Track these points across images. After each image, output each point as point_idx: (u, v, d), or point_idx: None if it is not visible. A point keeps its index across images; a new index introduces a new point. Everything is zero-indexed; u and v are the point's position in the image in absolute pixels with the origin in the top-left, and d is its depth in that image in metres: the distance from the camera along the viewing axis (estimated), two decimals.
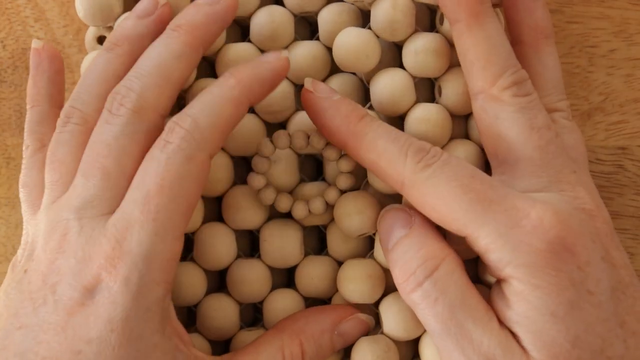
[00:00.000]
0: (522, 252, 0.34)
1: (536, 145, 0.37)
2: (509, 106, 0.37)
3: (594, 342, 0.34)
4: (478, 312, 0.35)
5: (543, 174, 0.37)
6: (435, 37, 0.41)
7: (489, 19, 0.38)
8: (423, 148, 0.37)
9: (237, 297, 0.41)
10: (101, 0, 0.41)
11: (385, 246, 0.38)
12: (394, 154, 0.37)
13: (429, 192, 0.36)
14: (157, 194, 0.34)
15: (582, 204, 0.36)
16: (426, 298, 0.35)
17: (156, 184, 0.34)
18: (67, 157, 0.37)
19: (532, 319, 0.34)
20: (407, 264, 0.36)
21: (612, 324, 0.34)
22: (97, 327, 0.33)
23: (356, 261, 0.41)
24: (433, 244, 0.37)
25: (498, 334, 0.34)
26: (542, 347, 0.34)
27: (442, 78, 0.42)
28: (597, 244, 0.35)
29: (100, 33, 0.42)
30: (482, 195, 0.35)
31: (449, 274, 0.36)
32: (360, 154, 0.38)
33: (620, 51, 0.47)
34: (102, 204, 0.35)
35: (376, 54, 0.41)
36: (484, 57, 0.38)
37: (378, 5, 0.41)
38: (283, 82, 0.42)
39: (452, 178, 0.35)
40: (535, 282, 0.34)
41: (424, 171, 0.36)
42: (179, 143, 0.35)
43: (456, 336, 0.35)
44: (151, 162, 0.35)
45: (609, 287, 0.35)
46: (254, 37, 0.42)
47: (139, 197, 0.34)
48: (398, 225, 0.38)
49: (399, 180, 0.37)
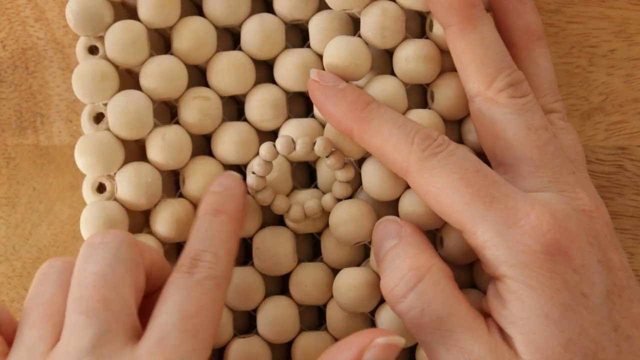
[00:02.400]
0: (517, 251, 0.34)
1: (534, 145, 0.37)
2: (505, 107, 0.37)
3: (586, 346, 0.34)
4: (466, 321, 0.35)
5: (543, 174, 0.37)
6: (425, 43, 0.41)
7: (482, 21, 0.38)
8: (430, 136, 0.37)
9: (230, 305, 0.42)
10: (92, 10, 0.40)
11: (377, 257, 0.39)
12: (400, 139, 0.37)
13: (433, 181, 0.36)
14: (196, 315, 0.34)
15: (581, 205, 0.36)
16: (412, 309, 0.36)
17: (195, 306, 0.35)
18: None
19: (525, 320, 0.34)
20: (393, 273, 0.37)
21: (606, 327, 0.34)
22: None
23: (352, 270, 0.41)
24: (418, 254, 0.37)
25: (487, 341, 0.35)
26: (535, 350, 0.34)
27: (434, 84, 0.41)
28: (594, 247, 0.35)
29: (91, 43, 0.42)
30: (484, 191, 0.35)
31: (434, 284, 0.36)
32: (366, 139, 0.38)
33: (620, 51, 0.47)
34: (111, 338, 0.33)
35: (366, 63, 0.40)
36: (479, 59, 0.38)
37: (368, 12, 0.40)
38: (274, 90, 0.42)
39: (456, 170, 0.36)
40: (529, 283, 0.34)
41: (429, 160, 0.36)
42: (208, 273, 0.36)
43: (445, 345, 0.35)
44: (183, 289, 0.35)
45: (604, 290, 0.35)
46: (244, 45, 0.42)
47: (176, 319, 0.34)
48: (388, 235, 0.38)
49: (404, 166, 0.37)
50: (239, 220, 0.40)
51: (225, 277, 0.37)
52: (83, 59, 0.42)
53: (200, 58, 0.41)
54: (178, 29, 0.42)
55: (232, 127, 0.42)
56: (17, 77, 0.47)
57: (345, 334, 0.41)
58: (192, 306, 0.34)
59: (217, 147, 0.42)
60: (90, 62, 0.41)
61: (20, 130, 0.47)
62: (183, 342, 0.33)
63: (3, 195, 0.47)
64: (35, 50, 0.47)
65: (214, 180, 0.40)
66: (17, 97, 0.47)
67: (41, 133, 0.47)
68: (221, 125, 0.42)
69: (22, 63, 0.47)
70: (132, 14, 0.42)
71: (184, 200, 0.41)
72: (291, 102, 0.43)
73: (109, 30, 0.41)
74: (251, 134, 0.42)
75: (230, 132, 0.42)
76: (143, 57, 0.41)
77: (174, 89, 0.41)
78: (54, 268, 0.36)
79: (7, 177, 0.47)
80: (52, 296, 0.35)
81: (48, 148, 0.47)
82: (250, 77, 0.42)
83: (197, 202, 0.41)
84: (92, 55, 0.42)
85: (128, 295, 0.34)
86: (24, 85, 0.47)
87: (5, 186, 0.47)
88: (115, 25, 0.41)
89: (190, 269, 0.36)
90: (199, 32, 0.41)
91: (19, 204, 0.47)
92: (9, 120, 0.47)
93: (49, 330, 0.34)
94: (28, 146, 0.47)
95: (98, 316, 0.33)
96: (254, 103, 0.42)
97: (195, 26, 0.41)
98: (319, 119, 0.42)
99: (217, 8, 0.41)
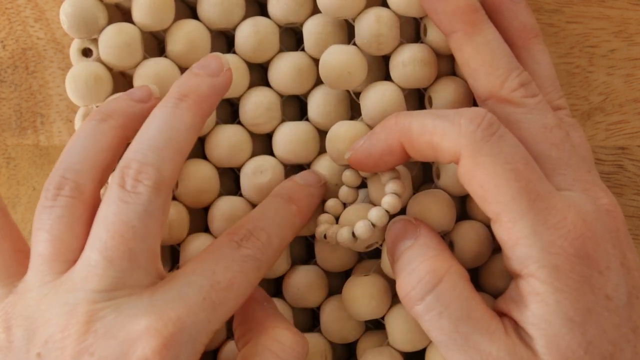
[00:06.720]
0: (551, 253, 0.34)
1: (552, 143, 0.37)
2: (520, 107, 0.37)
3: (605, 348, 0.34)
4: (484, 323, 0.35)
5: (565, 172, 0.37)
6: (421, 47, 0.41)
7: (486, 25, 0.38)
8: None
9: None
10: (86, 12, 0.41)
11: (391, 257, 0.38)
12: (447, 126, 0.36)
13: (483, 169, 0.35)
14: (225, 289, 0.35)
15: (605, 205, 0.36)
16: (430, 311, 0.35)
17: (227, 280, 0.35)
18: (65, 234, 0.36)
19: (549, 323, 0.34)
20: (410, 276, 0.36)
21: (625, 329, 0.34)
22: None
23: (361, 280, 0.41)
24: (436, 256, 0.36)
25: (505, 342, 0.34)
26: (556, 352, 0.34)
27: (432, 88, 0.41)
28: (617, 249, 0.35)
29: (85, 45, 0.42)
30: (532, 187, 0.35)
31: (452, 286, 0.35)
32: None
33: (620, 51, 0.46)
34: (130, 284, 0.34)
35: (361, 71, 0.40)
36: (488, 62, 0.38)
37: (362, 20, 0.40)
38: (268, 93, 0.42)
39: (508, 160, 0.35)
40: (558, 286, 0.34)
41: (484, 142, 0.35)
42: (254, 253, 0.36)
43: (463, 347, 0.35)
44: (225, 258, 0.36)
45: (626, 292, 0.35)
46: (239, 48, 0.42)
47: (205, 284, 0.35)
48: (404, 236, 0.38)
49: (457, 148, 0.36)
50: (305, 218, 0.40)
51: (267, 263, 0.37)
52: (77, 61, 0.42)
53: (194, 61, 0.41)
54: (172, 31, 0.42)
55: (226, 130, 0.42)
56: (17, 77, 0.48)
57: (339, 336, 0.41)
58: (225, 279, 0.35)
59: (211, 150, 0.42)
60: (84, 65, 0.41)
61: (20, 130, 0.47)
62: (202, 310, 0.34)
63: (3, 195, 0.47)
64: (35, 50, 0.47)
65: (297, 176, 0.41)
66: (17, 97, 0.48)
67: (41, 133, 0.47)
68: (215, 128, 0.42)
69: (22, 63, 0.48)
70: (126, 16, 0.42)
71: (177, 203, 0.41)
72: (285, 105, 0.43)
73: (103, 32, 0.41)
74: (245, 137, 0.42)
75: (224, 135, 0.42)
76: (137, 60, 0.41)
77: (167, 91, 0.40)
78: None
79: (7, 177, 0.47)
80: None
81: (48, 148, 0.47)
82: (244, 80, 0.42)
83: (190, 205, 0.42)
84: (86, 57, 0.42)
85: (154, 245, 0.35)
86: (24, 85, 0.48)
87: (5, 186, 0.47)
88: (110, 28, 0.41)
89: (241, 241, 0.36)
90: (193, 35, 0.41)
91: (19, 204, 0.47)
92: (9, 120, 0.48)
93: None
94: (28, 146, 0.47)
95: (121, 265, 0.34)
96: (248, 106, 0.42)
97: (189, 29, 0.41)
98: (313, 123, 0.42)
99: (211, 11, 0.41)
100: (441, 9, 0.38)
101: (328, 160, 0.42)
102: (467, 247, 0.40)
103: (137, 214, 0.34)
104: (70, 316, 0.33)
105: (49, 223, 0.36)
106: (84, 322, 0.33)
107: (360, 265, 0.42)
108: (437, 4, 0.38)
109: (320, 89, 0.42)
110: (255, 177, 0.41)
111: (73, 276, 0.34)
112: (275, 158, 0.42)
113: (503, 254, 0.36)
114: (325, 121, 0.42)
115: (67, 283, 0.34)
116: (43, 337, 0.34)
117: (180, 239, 0.41)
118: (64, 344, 0.33)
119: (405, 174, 0.41)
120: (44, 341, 0.34)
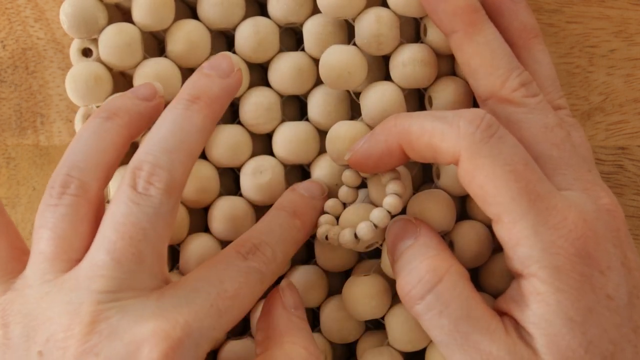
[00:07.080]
0: (552, 253, 0.34)
1: (553, 143, 0.37)
2: (521, 107, 0.37)
3: (606, 348, 0.34)
4: (484, 322, 0.35)
5: (566, 172, 0.37)
6: (421, 47, 0.41)
7: (486, 25, 0.38)
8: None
9: None
10: (86, 12, 0.41)
11: (391, 257, 0.38)
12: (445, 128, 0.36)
13: (483, 171, 0.35)
14: (231, 298, 0.35)
15: (606, 205, 0.36)
16: (430, 311, 0.35)
17: (234, 289, 0.35)
18: (68, 232, 0.35)
19: (549, 322, 0.34)
20: (410, 275, 0.36)
21: (626, 329, 0.34)
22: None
23: (361, 280, 0.41)
24: (436, 255, 0.36)
25: (505, 341, 0.34)
26: (556, 352, 0.34)
27: (432, 88, 0.41)
28: (618, 248, 0.35)
29: (85, 45, 0.42)
30: (532, 187, 0.35)
31: (452, 286, 0.35)
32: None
33: (620, 51, 0.46)
34: (136, 286, 0.34)
35: (361, 71, 0.40)
36: (489, 62, 0.38)
37: (362, 20, 0.40)
38: (268, 93, 0.42)
39: (508, 162, 0.35)
40: (559, 286, 0.34)
41: (483, 143, 0.35)
42: (259, 266, 0.37)
43: (463, 346, 0.35)
44: (231, 268, 0.36)
45: (626, 291, 0.35)
46: (239, 48, 0.42)
47: (212, 291, 0.35)
48: (404, 235, 0.38)
49: (457, 149, 0.35)
50: (308, 233, 0.41)
51: (271, 277, 0.38)
52: (77, 61, 0.42)
53: (194, 61, 0.41)
54: (172, 31, 0.42)
55: (226, 130, 0.42)
56: (17, 77, 0.48)
57: (339, 336, 0.41)
58: (232, 288, 0.35)
59: (211, 150, 0.42)
60: (84, 65, 0.41)
61: (20, 130, 0.47)
62: (208, 316, 0.34)
63: (3, 195, 0.47)
64: (35, 50, 0.47)
65: (300, 186, 0.42)
66: (17, 97, 0.48)
67: (41, 133, 0.47)
68: (215, 128, 0.42)
69: (22, 63, 0.48)
70: (126, 16, 0.42)
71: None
72: (285, 105, 0.43)
73: (103, 32, 0.41)
74: (245, 137, 0.42)
75: (224, 135, 0.42)
76: (137, 60, 0.41)
77: (167, 92, 0.41)
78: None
79: (7, 177, 0.47)
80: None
81: (48, 148, 0.47)
82: (244, 81, 0.42)
83: (190, 205, 0.42)
84: (86, 57, 0.42)
85: (161, 248, 0.35)
86: (24, 85, 0.48)
87: (5, 186, 0.47)
88: (110, 28, 0.41)
89: (247, 254, 0.37)
90: (193, 35, 0.41)
91: (19, 204, 0.47)
92: (9, 120, 0.48)
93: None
94: (28, 146, 0.47)
95: (129, 266, 0.34)
96: (248, 106, 0.42)
97: (189, 29, 0.41)
98: (313, 123, 0.42)
99: (211, 11, 0.41)
100: (441, 8, 0.38)
101: (328, 160, 0.42)
102: (467, 247, 0.40)
103: (147, 216, 0.34)
104: (73, 315, 0.33)
105: (52, 221, 0.35)
106: (88, 322, 0.33)
107: (360, 265, 0.42)
108: (437, 3, 0.38)
109: (320, 89, 0.42)
110: (255, 177, 0.41)
111: (77, 275, 0.34)
112: (275, 158, 0.42)
113: (504, 254, 0.36)
114: (325, 121, 0.42)
115: (70, 282, 0.34)
116: (44, 335, 0.33)
117: (180, 239, 0.41)
118: (66, 343, 0.33)
119: (405, 174, 0.41)
120: (45, 340, 0.33)
